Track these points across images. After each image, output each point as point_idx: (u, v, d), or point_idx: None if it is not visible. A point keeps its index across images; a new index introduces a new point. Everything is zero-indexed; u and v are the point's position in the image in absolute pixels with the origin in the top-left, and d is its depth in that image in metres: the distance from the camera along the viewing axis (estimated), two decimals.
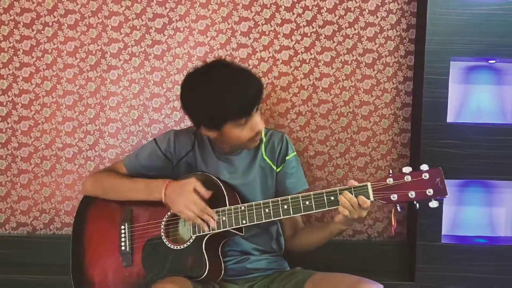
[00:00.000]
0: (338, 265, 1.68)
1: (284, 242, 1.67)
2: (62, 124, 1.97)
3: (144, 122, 1.97)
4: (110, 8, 1.93)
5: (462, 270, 1.82)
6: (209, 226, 1.46)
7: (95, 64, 1.95)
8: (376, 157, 1.96)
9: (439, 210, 1.80)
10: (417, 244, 1.82)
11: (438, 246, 1.82)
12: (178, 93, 1.95)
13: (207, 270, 1.45)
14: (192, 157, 1.59)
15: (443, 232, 1.85)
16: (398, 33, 1.92)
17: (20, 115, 1.97)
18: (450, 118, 1.84)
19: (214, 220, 1.45)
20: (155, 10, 1.93)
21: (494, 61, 1.88)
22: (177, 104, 1.96)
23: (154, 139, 1.63)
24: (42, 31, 1.94)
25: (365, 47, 1.93)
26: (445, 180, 1.35)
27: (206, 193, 1.47)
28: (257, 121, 1.46)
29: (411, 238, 1.89)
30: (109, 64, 1.95)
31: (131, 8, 1.93)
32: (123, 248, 1.55)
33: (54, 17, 1.94)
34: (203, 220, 1.45)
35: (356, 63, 1.93)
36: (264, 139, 1.61)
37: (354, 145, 1.96)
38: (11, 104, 1.97)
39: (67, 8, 1.93)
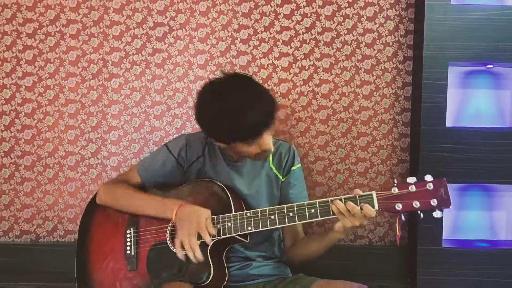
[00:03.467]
0: (339, 270, 1.69)
1: (285, 253, 1.68)
2: (65, 133, 1.99)
3: (145, 129, 1.99)
4: (112, 17, 1.96)
5: (463, 274, 1.83)
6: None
7: (97, 72, 1.98)
8: (376, 162, 1.97)
9: None
10: (418, 249, 1.83)
11: (439, 250, 1.83)
12: (180, 100, 1.99)
13: (211, 276, 1.46)
14: (202, 163, 1.60)
15: (444, 236, 1.86)
16: (396, 39, 1.94)
17: (23, 124, 1.99)
18: (449, 123, 1.85)
19: (200, 259, 1.43)
20: (155, 19, 1.96)
21: (492, 66, 1.89)
22: (178, 111, 1.98)
23: (166, 145, 1.62)
24: (45, 41, 1.97)
25: (364, 53, 1.94)
26: None
27: (212, 230, 1.45)
28: (266, 142, 1.46)
29: (412, 242, 1.90)
30: (111, 72, 1.98)
31: (132, 17, 1.96)
32: (128, 252, 1.56)
33: (56, 27, 1.96)
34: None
35: (355, 69, 1.95)
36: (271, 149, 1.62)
37: (354, 150, 1.97)
38: (14, 113, 1.99)
39: (69, 18, 1.96)
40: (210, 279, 1.46)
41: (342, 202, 1.39)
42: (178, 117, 1.98)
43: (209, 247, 1.47)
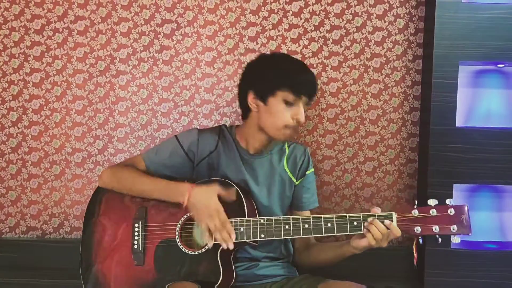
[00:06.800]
0: (347, 271, 1.66)
1: (294, 255, 1.67)
2: (72, 129, 1.99)
3: (152, 127, 1.98)
4: (119, 14, 1.95)
5: (472, 275, 1.81)
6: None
7: (104, 69, 1.97)
8: (384, 161, 1.95)
9: None
10: (426, 250, 1.81)
11: (448, 251, 1.81)
12: (187, 97, 1.98)
13: (221, 277, 1.44)
14: (214, 158, 1.57)
15: None
16: (406, 37, 1.92)
17: (31, 120, 1.99)
18: (459, 122, 1.83)
19: (232, 239, 1.42)
20: (163, 16, 1.95)
21: (503, 65, 1.87)
22: (185, 109, 1.97)
23: (176, 136, 1.59)
24: (53, 37, 1.97)
25: (373, 52, 1.93)
26: (455, 185, 1.35)
27: (230, 196, 1.45)
28: (302, 111, 1.49)
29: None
30: (118, 69, 1.97)
31: (140, 14, 1.95)
32: (135, 246, 1.53)
33: (64, 23, 1.96)
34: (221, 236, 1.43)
35: (363, 67, 1.93)
36: (287, 151, 1.61)
37: (362, 150, 1.95)
38: (22, 109, 1.99)
39: (77, 15, 1.96)
40: (219, 281, 1.44)
41: (361, 219, 1.38)
42: (185, 115, 1.97)
43: (219, 250, 1.46)
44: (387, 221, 1.36)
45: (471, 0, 1.79)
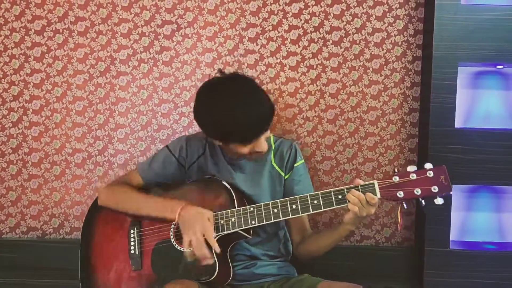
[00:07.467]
0: (346, 271, 1.68)
1: (292, 249, 1.67)
2: (72, 130, 2.00)
3: (152, 127, 1.99)
4: (120, 15, 1.96)
5: (470, 276, 1.81)
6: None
7: (105, 70, 1.98)
8: (384, 162, 1.96)
9: (447, 215, 1.80)
10: (425, 250, 1.82)
11: (447, 252, 1.81)
12: (187, 98, 1.99)
13: (217, 272, 1.46)
14: (203, 161, 1.61)
15: (452, 238, 1.84)
16: (405, 38, 1.92)
17: (31, 120, 2.00)
18: (458, 124, 1.84)
19: (208, 260, 1.44)
20: (163, 17, 1.96)
21: (502, 67, 1.87)
22: (186, 109, 1.98)
23: (167, 146, 1.64)
24: (53, 38, 1.97)
25: (372, 53, 1.93)
26: (454, 186, 1.36)
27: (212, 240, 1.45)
28: (261, 143, 1.47)
29: (419, 243, 1.88)
30: (118, 70, 1.98)
31: (140, 15, 1.96)
32: (132, 251, 1.56)
33: (65, 24, 1.97)
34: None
35: (363, 68, 1.94)
36: (273, 146, 1.62)
37: (362, 151, 1.96)
38: (22, 110, 2.00)
39: (77, 15, 1.96)
40: (215, 275, 1.46)
41: (345, 192, 1.40)
42: (185, 116, 1.98)
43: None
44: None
45: (470, 2, 1.80)
